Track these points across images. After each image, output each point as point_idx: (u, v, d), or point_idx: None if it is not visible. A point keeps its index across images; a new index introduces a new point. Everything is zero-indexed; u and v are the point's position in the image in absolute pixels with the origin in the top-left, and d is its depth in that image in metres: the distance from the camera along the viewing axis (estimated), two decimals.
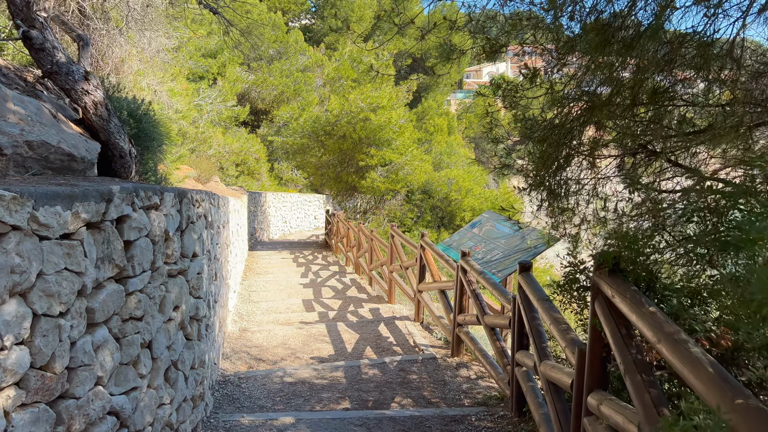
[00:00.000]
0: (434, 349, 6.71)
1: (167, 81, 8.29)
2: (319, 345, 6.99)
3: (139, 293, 3.14)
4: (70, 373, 2.36)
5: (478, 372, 5.89)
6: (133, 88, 7.31)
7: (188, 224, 3.94)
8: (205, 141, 19.78)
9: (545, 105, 4.08)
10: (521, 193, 4.51)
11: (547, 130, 4.11)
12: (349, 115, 16.59)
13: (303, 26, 43.58)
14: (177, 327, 3.81)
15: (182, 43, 18.67)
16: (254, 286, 11.03)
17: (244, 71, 28.41)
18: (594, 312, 2.71)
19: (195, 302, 4.17)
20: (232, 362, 6.35)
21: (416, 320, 7.89)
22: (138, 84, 7.39)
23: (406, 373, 5.83)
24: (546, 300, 3.65)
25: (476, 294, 5.60)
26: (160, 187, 3.47)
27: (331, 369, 5.92)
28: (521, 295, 4.27)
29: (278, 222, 23.61)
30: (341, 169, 17.98)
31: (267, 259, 15.29)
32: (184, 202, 3.83)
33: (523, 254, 6.40)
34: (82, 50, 4.32)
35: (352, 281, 11.72)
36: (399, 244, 9.22)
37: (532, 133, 4.13)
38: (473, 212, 18.22)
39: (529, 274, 4.27)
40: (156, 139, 4.54)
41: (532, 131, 4.17)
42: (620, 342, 2.40)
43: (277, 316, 8.53)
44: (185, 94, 17.17)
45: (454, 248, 7.63)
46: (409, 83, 22.20)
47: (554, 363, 3.48)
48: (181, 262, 3.82)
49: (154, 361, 3.42)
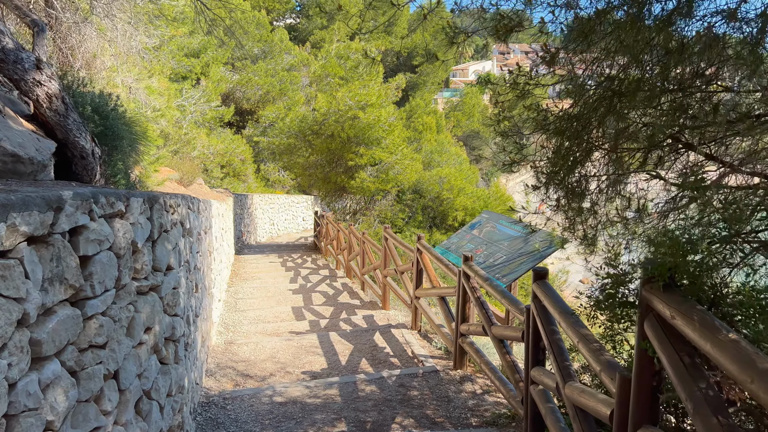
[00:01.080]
0: (434, 360, 6.27)
1: (144, 78, 7.78)
2: (311, 358, 6.51)
3: (101, 316, 2.66)
4: (10, 422, 1.88)
5: (484, 386, 5.45)
6: (107, 85, 6.80)
7: (161, 233, 3.46)
8: (188, 142, 19.20)
9: (561, 93, 3.65)
10: (534, 192, 4.07)
11: (563, 121, 3.68)
12: (337, 113, 16.11)
13: (288, 25, 43.02)
14: (149, 351, 3.33)
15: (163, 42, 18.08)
16: (241, 292, 10.53)
17: (229, 71, 27.82)
18: (643, 334, 2.27)
19: (171, 321, 3.69)
20: (217, 380, 5.86)
21: (413, 328, 7.44)
22: (112, 81, 6.88)
23: (407, 388, 5.38)
24: (570, 314, 3.21)
25: (481, 302, 5.16)
26: (125, 191, 2.99)
27: (324, 386, 5.46)
28: (537, 305, 3.83)
29: (266, 224, 23.08)
30: (330, 170, 17.49)
31: (254, 263, 14.77)
32: (156, 209, 3.35)
33: (528, 257, 5.98)
34: (37, 37, 3.81)
35: (344, 286, 11.25)
36: (393, 246, 8.77)
37: (546, 126, 3.70)
38: (466, 212, 17.82)
39: (546, 282, 3.84)
40: (126, 139, 4.06)
41: (546, 123, 3.74)
42: (683, 373, 1.96)
43: (265, 326, 8.05)
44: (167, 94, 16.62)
45: (452, 251, 7.20)
46: (398, 80, 21.75)
47: (583, 386, 3.04)
48: (153, 277, 3.34)
49: (121, 394, 2.94)
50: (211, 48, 25.56)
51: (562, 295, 13.77)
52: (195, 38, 24.82)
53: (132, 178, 5.60)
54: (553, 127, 3.64)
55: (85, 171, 3.34)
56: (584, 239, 4.19)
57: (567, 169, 3.65)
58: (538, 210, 5.15)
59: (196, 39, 24.88)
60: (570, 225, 4.06)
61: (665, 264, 2.10)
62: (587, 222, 4.20)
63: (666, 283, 2.13)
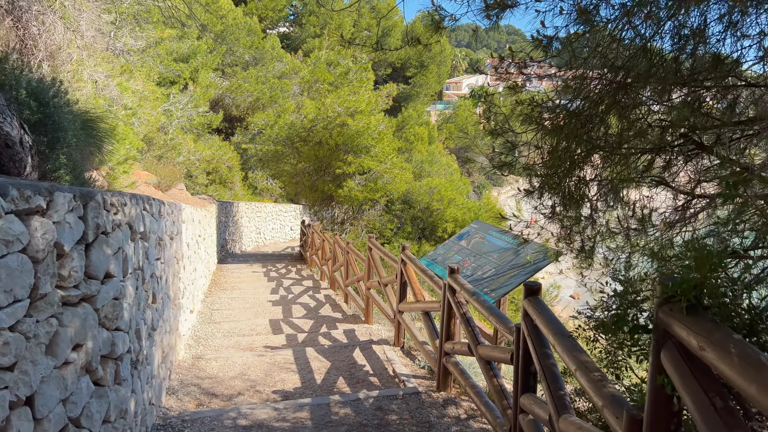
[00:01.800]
0: (417, 380, 5.81)
1: (116, 75, 7.34)
2: (284, 375, 6.04)
3: (7, 332, 2.21)
4: None
5: (469, 410, 5.00)
6: (72, 79, 6.36)
7: (98, 235, 3.00)
8: (174, 148, 18.73)
9: (559, 87, 3.25)
10: (527, 197, 3.65)
11: (560, 117, 3.27)
12: (326, 120, 15.68)
13: (281, 34, 42.74)
14: (80, 371, 2.86)
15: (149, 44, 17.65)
16: (218, 303, 10.03)
17: (218, 77, 27.40)
18: (658, 366, 1.84)
19: (110, 336, 3.22)
20: (179, 398, 5.37)
21: (396, 344, 6.98)
22: (79, 75, 6.43)
23: (384, 412, 4.92)
24: (567, 336, 2.78)
25: (467, 319, 4.72)
26: (48, 184, 2.54)
27: (294, 408, 4.98)
28: (528, 325, 3.40)
29: (252, 233, 22.56)
30: (317, 178, 17.03)
31: (236, 272, 14.27)
32: (92, 207, 2.90)
33: (519, 271, 5.56)
34: None
35: (327, 298, 10.77)
36: (377, 257, 8.32)
37: (541, 123, 3.29)
38: (456, 223, 17.39)
39: (539, 299, 3.41)
40: (71, 130, 3.61)
41: (541, 120, 3.33)
42: (716, 422, 1.53)
43: (239, 339, 7.56)
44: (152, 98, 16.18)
45: (439, 263, 6.76)
46: (388, 87, 21.36)
47: (581, 423, 2.60)
48: (87, 286, 2.88)
49: (37, 424, 2.48)
50: (200, 53, 25.15)
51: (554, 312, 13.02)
52: (184, 43, 24.41)
53: (90, 177, 5.14)
54: (549, 125, 3.23)
55: (12, 162, 2.90)
56: (581, 251, 3.77)
57: (564, 172, 3.23)
58: (530, 224, 4.73)
59: (185, 44, 24.47)
60: (566, 235, 3.65)
61: (690, 280, 1.68)
62: (585, 232, 3.78)
63: (690, 304, 1.71)
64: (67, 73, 6.30)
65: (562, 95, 3.29)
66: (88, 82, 6.49)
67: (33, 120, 3.30)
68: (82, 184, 4.19)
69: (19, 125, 2.92)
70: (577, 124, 3.19)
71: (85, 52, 6.46)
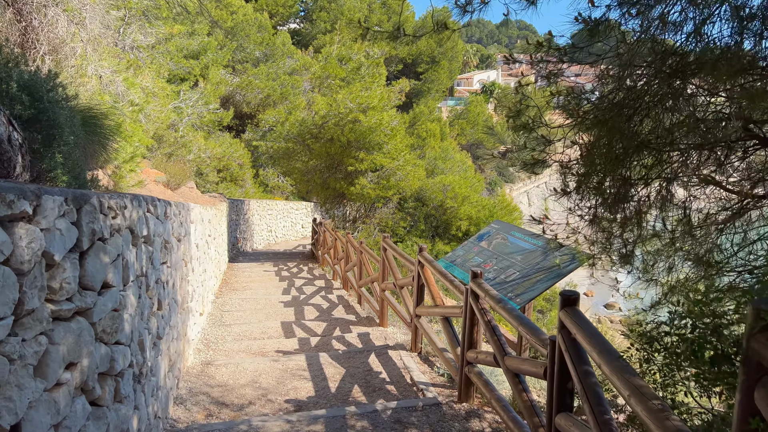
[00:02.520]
0: (436, 389, 5.52)
1: (123, 70, 7.09)
2: (297, 383, 5.77)
3: None
4: None
5: (493, 423, 4.70)
6: (75, 74, 6.12)
7: (94, 242, 2.73)
8: (184, 145, 18.53)
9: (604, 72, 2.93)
10: (561, 198, 3.34)
11: (604, 110, 2.95)
12: (337, 116, 15.38)
13: (291, 30, 42.46)
14: (74, 392, 2.59)
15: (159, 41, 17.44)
16: (229, 304, 9.78)
17: (229, 74, 27.17)
18: (750, 406, 1.53)
19: (108, 351, 2.95)
20: (187, 408, 5.11)
21: (413, 350, 6.68)
22: (83, 70, 6.18)
23: (404, 425, 4.63)
24: (617, 357, 2.47)
25: (493, 327, 4.41)
26: (35, 186, 2.27)
27: (308, 421, 4.70)
28: (566, 338, 3.09)
29: (263, 231, 22.35)
30: (329, 175, 16.74)
31: (248, 271, 14.03)
32: (86, 211, 2.63)
33: (546, 275, 5.24)
34: None
35: (339, 298, 10.50)
36: (392, 257, 8.03)
37: (582, 116, 2.97)
38: (470, 221, 17.04)
39: (578, 311, 3.10)
40: (67, 127, 3.34)
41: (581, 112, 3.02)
42: None
43: (251, 343, 7.30)
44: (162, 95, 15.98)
45: (458, 265, 6.45)
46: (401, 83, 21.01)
47: None
48: (81, 298, 2.61)
49: None
50: (211, 50, 24.95)
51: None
52: (195, 39, 24.22)
53: (93, 177, 4.88)
54: (591, 117, 2.91)
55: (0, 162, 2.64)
56: (623, 257, 3.45)
57: (608, 169, 2.91)
58: (542, 220, 4.41)
59: (195, 40, 24.27)
60: (606, 239, 3.33)
61: None
62: (625, 236, 3.46)
63: None
64: (71, 68, 6.06)
65: (604, 85, 2.98)
66: (93, 77, 6.25)
67: (26, 116, 3.04)
68: (82, 185, 3.93)
69: (7, 121, 2.65)
70: (621, 117, 2.87)
71: (90, 46, 6.21)
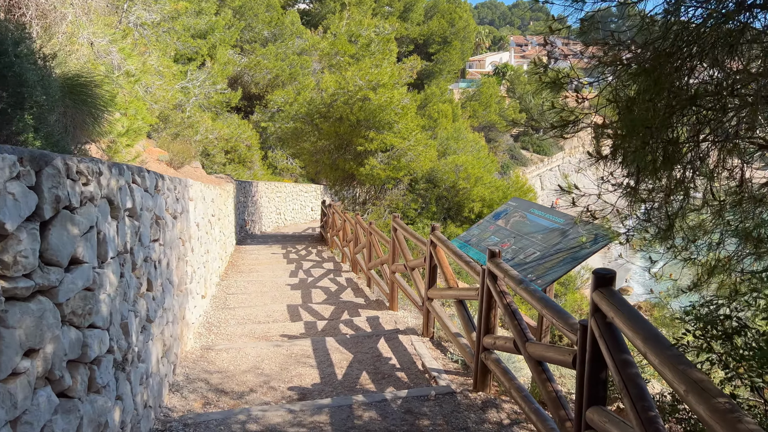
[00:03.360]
0: (449, 376, 5.17)
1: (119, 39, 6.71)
2: (302, 370, 5.44)
3: None
4: None
5: (512, 413, 4.35)
6: (67, 42, 5.75)
7: (59, 210, 2.37)
8: (191, 126, 18.19)
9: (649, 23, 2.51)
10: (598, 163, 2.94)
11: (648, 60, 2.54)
12: (346, 94, 14.93)
13: (301, 11, 41.82)
14: (35, 382, 2.24)
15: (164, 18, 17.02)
16: (234, 287, 9.47)
17: (237, 54, 26.70)
18: None
19: (79, 336, 2.61)
20: (183, 396, 4.80)
21: (425, 334, 6.33)
22: (75, 38, 5.81)
23: (415, 416, 4.28)
24: (668, 346, 2.09)
25: (513, 311, 4.04)
26: None
27: (312, 410, 4.37)
28: (600, 323, 2.71)
29: (271, 213, 22.06)
30: (338, 156, 16.33)
31: (255, 254, 13.74)
32: (48, 174, 2.26)
33: (569, 254, 4.84)
34: None
35: (348, 281, 10.16)
36: (402, 238, 7.65)
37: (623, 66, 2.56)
38: (483, 203, 16.59)
39: (614, 291, 2.71)
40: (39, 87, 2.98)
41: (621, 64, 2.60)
42: None
43: (254, 327, 6.98)
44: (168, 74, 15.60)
45: (473, 245, 6.07)
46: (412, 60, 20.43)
47: None
48: (43, 275, 2.25)
49: None
50: (218, 29, 24.48)
51: (579, 296, 12.37)
52: (202, 18, 23.75)
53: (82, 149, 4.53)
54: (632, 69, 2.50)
55: None
56: (661, 231, 3.05)
57: (653, 128, 2.50)
58: (554, 204, 4.01)
59: (203, 19, 23.81)
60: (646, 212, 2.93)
61: None
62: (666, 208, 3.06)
63: None
64: (61, 34, 5.70)
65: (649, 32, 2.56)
66: (84, 44, 5.88)
67: None
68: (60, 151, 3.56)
69: None
70: (670, 66, 2.46)
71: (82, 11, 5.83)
